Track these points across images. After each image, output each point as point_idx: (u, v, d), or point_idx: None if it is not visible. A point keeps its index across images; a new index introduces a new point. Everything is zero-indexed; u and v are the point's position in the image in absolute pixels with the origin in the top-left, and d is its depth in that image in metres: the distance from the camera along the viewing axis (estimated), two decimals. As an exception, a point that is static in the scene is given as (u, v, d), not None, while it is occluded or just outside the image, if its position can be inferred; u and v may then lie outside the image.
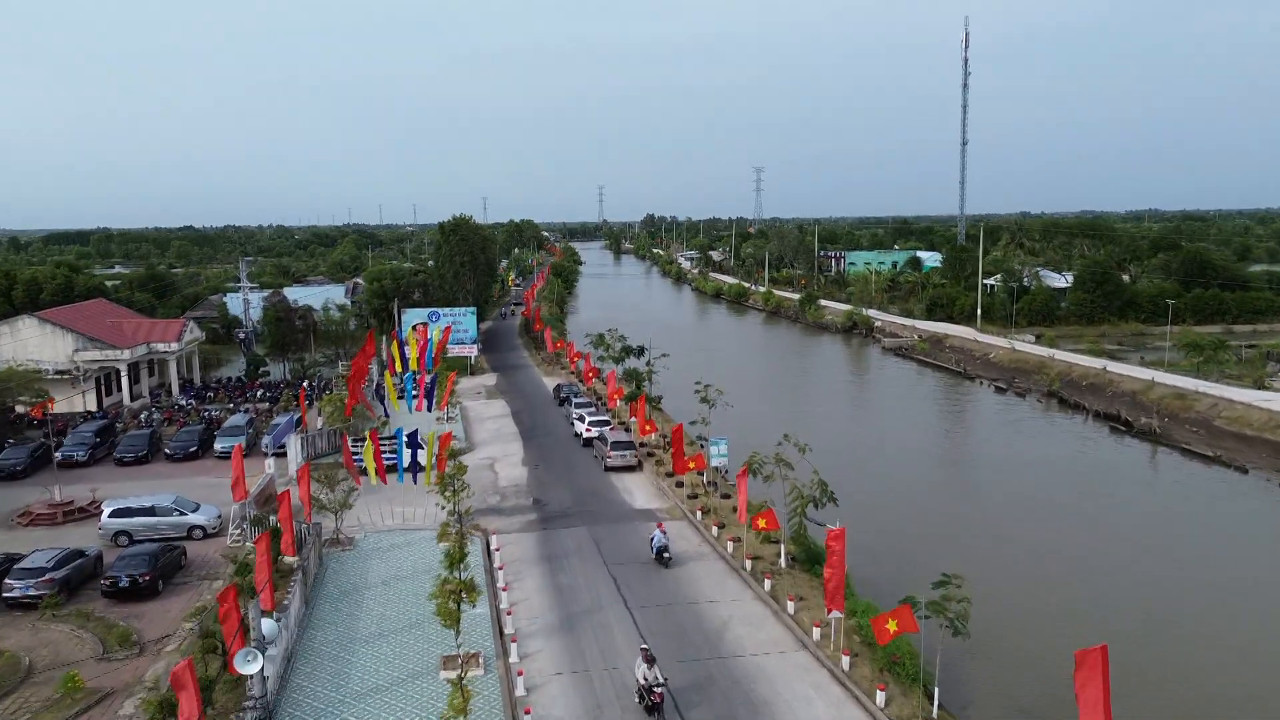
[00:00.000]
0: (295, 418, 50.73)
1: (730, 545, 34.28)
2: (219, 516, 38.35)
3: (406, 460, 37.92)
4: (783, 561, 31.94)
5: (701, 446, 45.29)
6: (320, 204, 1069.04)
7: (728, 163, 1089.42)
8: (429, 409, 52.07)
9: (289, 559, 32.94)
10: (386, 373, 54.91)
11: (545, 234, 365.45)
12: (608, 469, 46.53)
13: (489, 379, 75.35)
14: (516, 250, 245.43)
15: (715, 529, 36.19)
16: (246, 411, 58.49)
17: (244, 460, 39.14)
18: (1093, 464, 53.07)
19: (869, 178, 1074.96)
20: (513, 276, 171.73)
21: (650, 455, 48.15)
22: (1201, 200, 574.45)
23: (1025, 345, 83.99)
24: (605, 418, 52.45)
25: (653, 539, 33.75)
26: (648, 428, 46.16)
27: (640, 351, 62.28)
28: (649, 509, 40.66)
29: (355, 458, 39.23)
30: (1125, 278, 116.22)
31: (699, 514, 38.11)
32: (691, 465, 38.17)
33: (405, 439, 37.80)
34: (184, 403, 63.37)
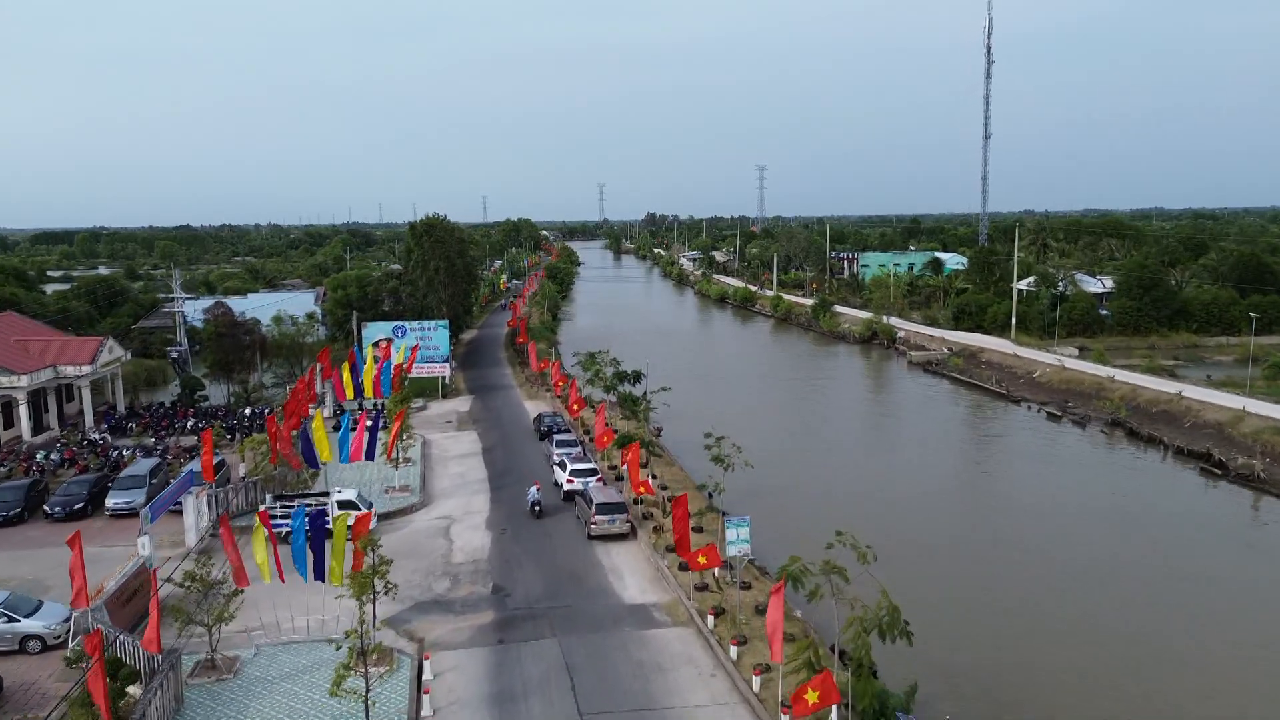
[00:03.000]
0: (191, 470, 39.76)
1: (757, 681, 24.39)
2: (67, 620, 28.43)
3: (312, 551, 27.91)
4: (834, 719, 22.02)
5: (711, 500, 35.41)
6: (321, 203, 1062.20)
7: (729, 161, 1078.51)
8: (370, 456, 42.11)
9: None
10: (318, 410, 44.61)
11: (545, 233, 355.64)
12: (592, 537, 36.66)
13: (463, 403, 65.42)
14: (514, 250, 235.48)
15: (734, 648, 26.28)
16: (159, 452, 48.60)
17: (113, 531, 29.28)
18: (1182, 518, 43.18)
19: (872, 176, 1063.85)
20: (504, 279, 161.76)
21: (647, 517, 38.25)
22: (1206, 199, 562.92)
23: (1076, 362, 73.92)
24: (591, 465, 42.51)
25: (529, 495, 36.99)
26: (642, 489, 36.02)
27: (636, 378, 52.28)
28: (643, 604, 30.76)
29: (244, 545, 29.36)
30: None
31: (710, 619, 28.21)
32: (702, 560, 28.24)
33: (305, 522, 27.80)
34: (97, 437, 53.51)
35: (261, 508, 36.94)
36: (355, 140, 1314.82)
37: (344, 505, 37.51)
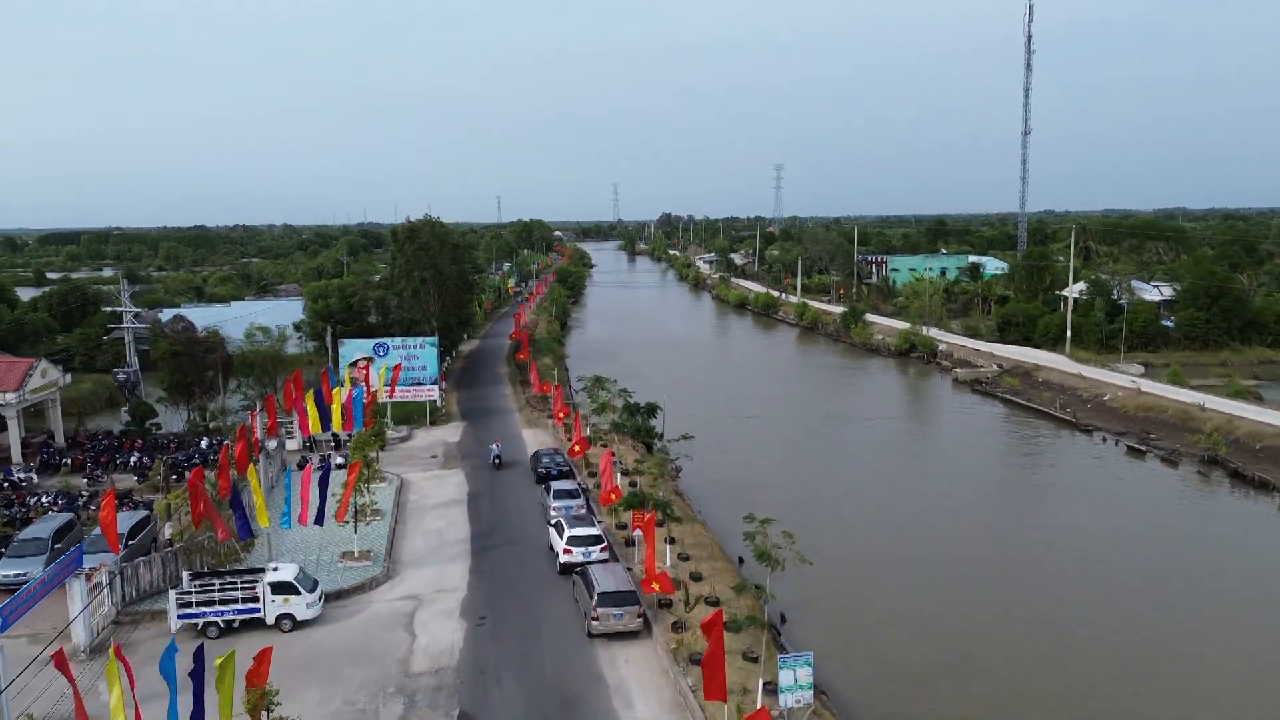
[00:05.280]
0: (79, 545, 29.53)
1: None
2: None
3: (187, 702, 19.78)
4: None
5: (756, 592, 27.02)
6: (336, 204, 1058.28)
7: (745, 160, 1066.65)
8: (319, 520, 33.96)
9: None
10: (251, 465, 36.01)
11: (558, 234, 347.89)
12: (593, 635, 28.42)
13: (453, 431, 57.29)
14: (526, 252, 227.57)
15: None
16: (82, 501, 40.71)
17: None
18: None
19: (890, 175, 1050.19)
20: (512, 283, 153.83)
21: (665, 605, 29.97)
22: (1228, 199, 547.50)
23: (1153, 384, 64.97)
24: (594, 529, 34.19)
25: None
26: (656, 585, 27.43)
27: (650, 412, 43.96)
28: (660, 753, 22.52)
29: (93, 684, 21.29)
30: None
31: (755, 791, 19.91)
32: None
33: (171, 662, 19.61)
34: (20, 478, 45.67)
35: (174, 593, 28.86)
36: (371, 140, 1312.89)
37: (278, 588, 29.50)
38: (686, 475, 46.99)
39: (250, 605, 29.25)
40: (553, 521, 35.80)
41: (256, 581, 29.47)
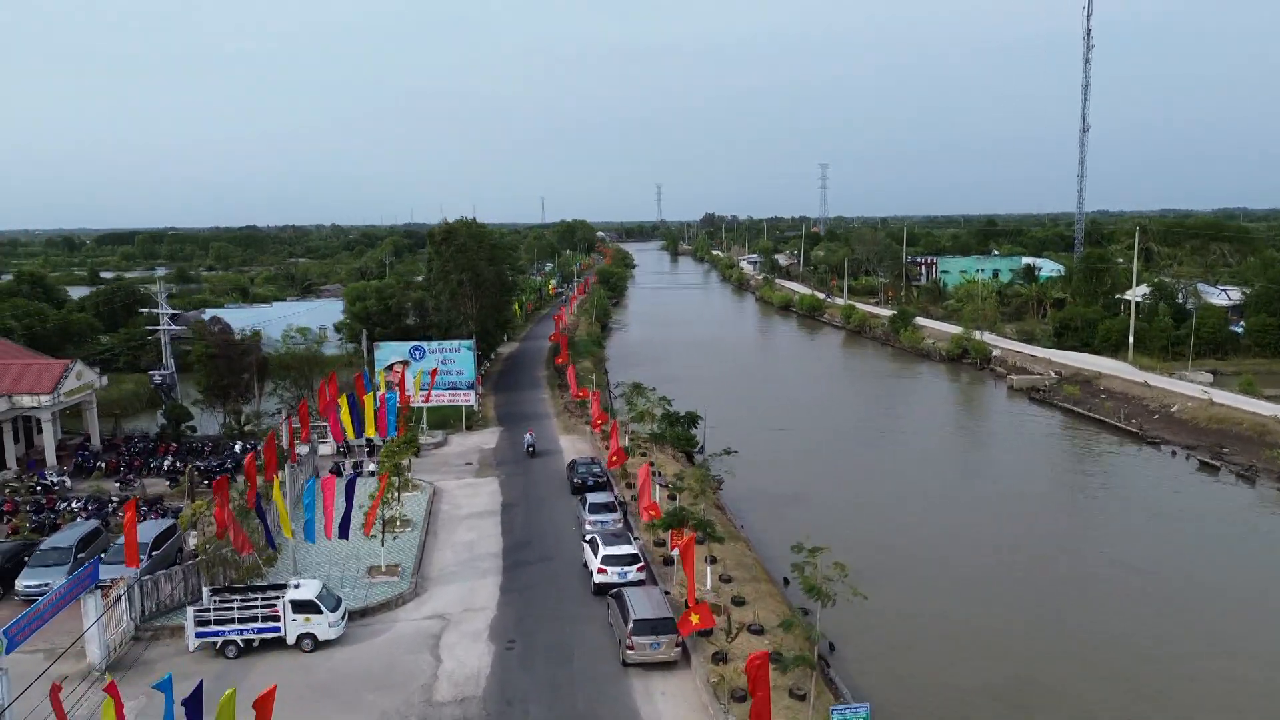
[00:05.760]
0: (98, 556, 28.97)
1: None
2: None
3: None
4: None
5: (805, 619, 25.03)
6: (384, 205, 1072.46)
7: (789, 160, 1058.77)
8: (344, 534, 32.67)
9: None
10: (276, 478, 34.82)
11: (600, 234, 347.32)
12: (628, 664, 26.64)
13: (489, 437, 55.97)
14: (568, 252, 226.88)
15: None
16: (113, 505, 40.03)
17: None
18: None
19: (937, 175, 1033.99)
20: (553, 284, 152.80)
21: (705, 634, 28.05)
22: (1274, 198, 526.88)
23: (1225, 395, 61.27)
24: (631, 549, 32.38)
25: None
26: (695, 618, 25.28)
27: (691, 422, 42.06)
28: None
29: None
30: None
31: None
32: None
33: (169, 699, 18.26)
34: (53, 481, 45.28)
35: (192, 610, 27.70)
36: (418, 143, 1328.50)
37: (300, 607, 28.20)
38: (729, 487, 45.03)
39: (271, 624, 27.97)
40: (587, 538, 34.10)
41: (277, 599, 28.23)
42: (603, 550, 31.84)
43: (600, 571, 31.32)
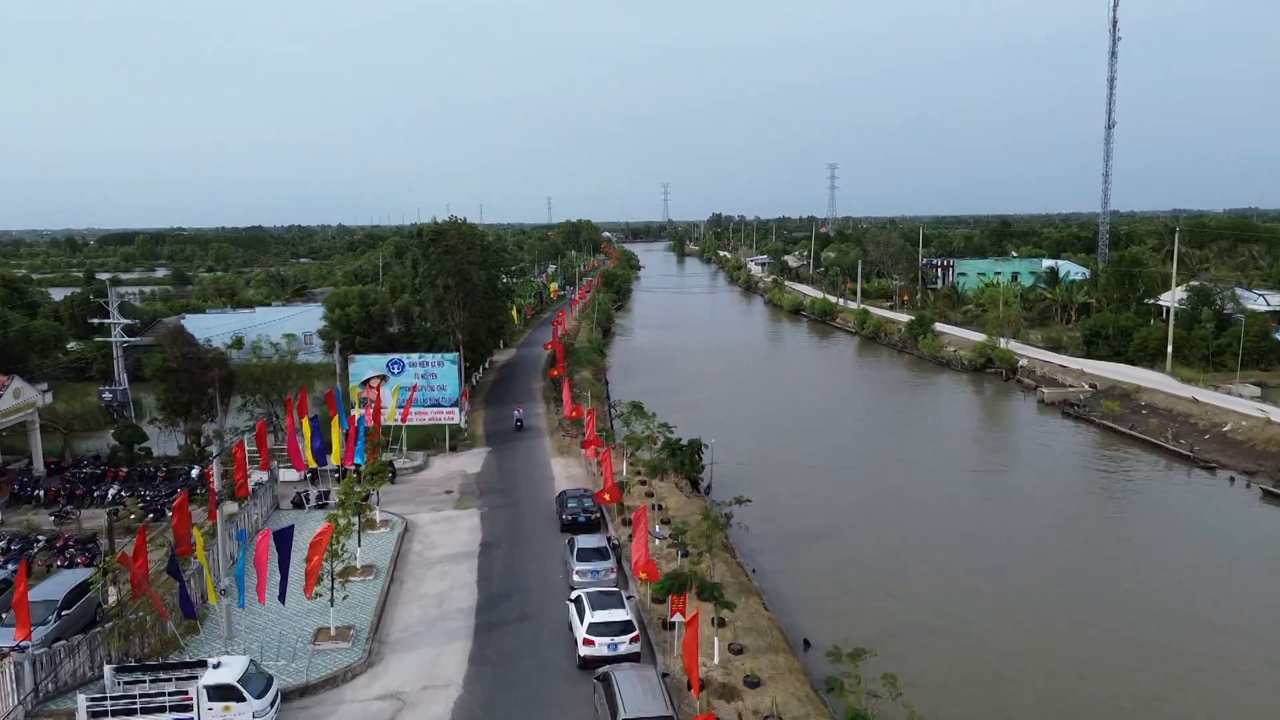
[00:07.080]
0: None
1: None
2: None
3: None
4: None
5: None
6: (391, 205, 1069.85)
7: (796, 160, 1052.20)
8: (281, 598, 27.54)
9: None
10: (198, 529, 29.36)
11: (607, 235, 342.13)
12: (616, 772, 21.53)
13: (474, 459, 50.91)
14: (572, 253, 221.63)
15: None
16: (23, 550, 35.06)
17: None
18: None
19: (946, 175, 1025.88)
20: (555, 287, 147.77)
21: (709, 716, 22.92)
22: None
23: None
24: (625, 614, 27.15)
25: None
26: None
27: (694, 452, 36.95)
28: None
29: None
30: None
31: None
32: None
33: None
34: (-20, 514, 40.36)
35: (84, 699, 22.70)
36: (426, 143, 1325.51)
37: (217, 693, 23.14)
38: (739, 521, 39.84)
39: (183, 715, 22.95)
40: (573, 595, 28.97)
41: (193, 678, 23.21)
42: (589, 617, 26.68)
43: (587, 642, 26.19)
